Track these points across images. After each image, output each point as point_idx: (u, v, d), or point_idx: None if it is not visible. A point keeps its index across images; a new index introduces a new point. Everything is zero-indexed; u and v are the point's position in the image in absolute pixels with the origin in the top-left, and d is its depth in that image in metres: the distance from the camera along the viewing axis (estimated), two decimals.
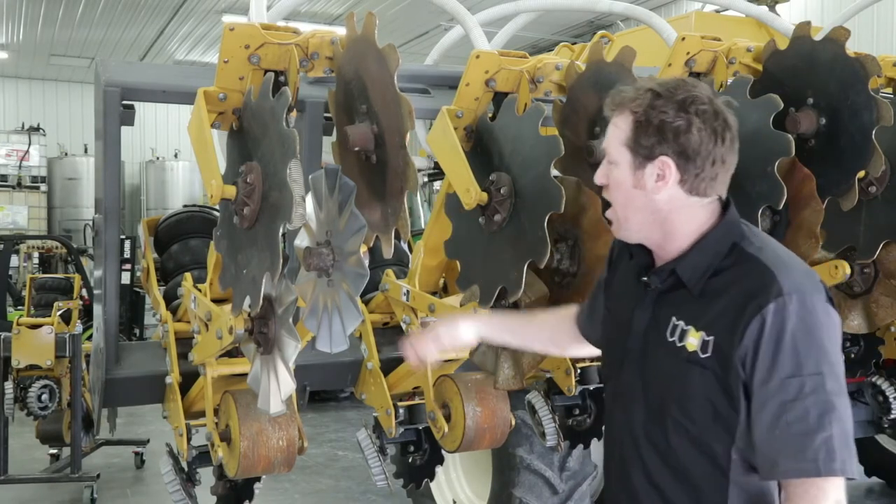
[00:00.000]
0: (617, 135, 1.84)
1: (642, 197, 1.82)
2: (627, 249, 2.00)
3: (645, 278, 1.91)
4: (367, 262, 2.27)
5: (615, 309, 2.04)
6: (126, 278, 9.86)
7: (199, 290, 3.08)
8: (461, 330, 2.27)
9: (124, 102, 3.00)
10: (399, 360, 3.52)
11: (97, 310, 3.32)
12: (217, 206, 2.56)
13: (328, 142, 2.91)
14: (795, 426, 1.67)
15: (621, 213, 1.89)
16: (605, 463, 2.09)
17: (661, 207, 1.82)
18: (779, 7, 6.27)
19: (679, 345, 1.80)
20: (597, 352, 2.24)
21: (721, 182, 1.83)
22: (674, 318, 1.82)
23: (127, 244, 10.11)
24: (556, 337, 2.36)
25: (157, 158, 18.88)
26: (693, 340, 1.78)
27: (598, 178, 1.91)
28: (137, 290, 10.20)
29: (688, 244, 1.83)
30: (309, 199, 2.37)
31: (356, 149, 2.45)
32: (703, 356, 1.76)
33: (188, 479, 3.17)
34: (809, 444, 1.66)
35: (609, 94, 1.89)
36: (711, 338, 1.75)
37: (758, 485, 1.78)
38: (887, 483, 6.02)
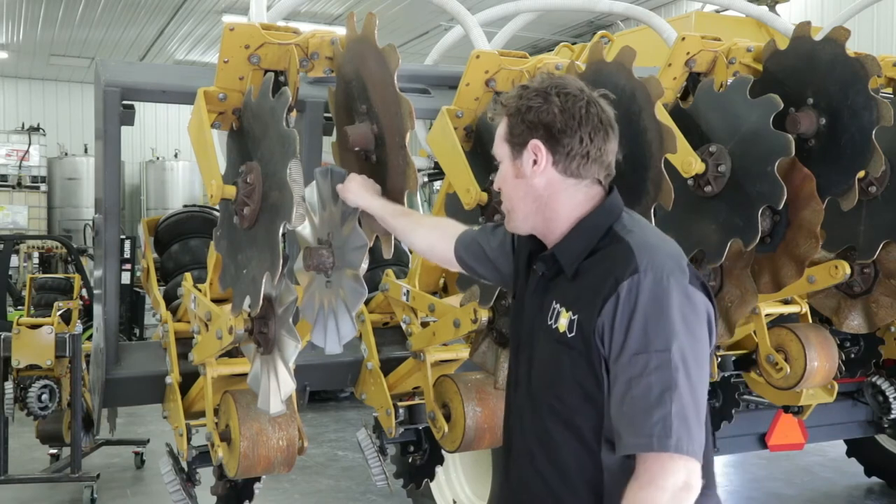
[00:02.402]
0: (498, 134, 1.95)
1: (524, 185, 1.90)
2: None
3: (534, 266, 1.96)
4: (366, 264, 2.27)
5: (519, 294, 2.07)
6: (126, 278, 9.85)
7: (199, 290, 3.08)
8: (355, 196, 2.31)
9: (124, 102, 3.00)
10: (399, 360, 3.53)
11: (97, 310, 3.32)
12: (217, 206, 2.56)
13: (328, 142, 2.91)
14: (638, 402, 1.70)
15: (508, 205, 1.97)
16: (501, 452, 2.09)
17: (542, 193, 1.89)
18: (779, 7, 6.27)
19: (553, 327, 1.85)
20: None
21: (595, 163, 1.86)
22: (554, 302, 1.87)
23: (127, 244, 10.10)
24: (435, 248, 2.34)
25: (157, 158, 18.88)
26: (563, 321, 1.83)
27: (495, 183, 1.99)
28: (137, 290, 10.20)
29: (567, 228, 1.89)
30: (311, 191, 2.36)
31: (356, 149, 2.45)
32: (569, 336, 1.80)
33: (188, 479, 3.17)
34: (648, 419, 1.68)
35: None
36: (576, 317, 1.80)
37: (629, 469, 1.78)
38: (887, 483, 6.02)
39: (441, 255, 2.31)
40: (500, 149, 1.95)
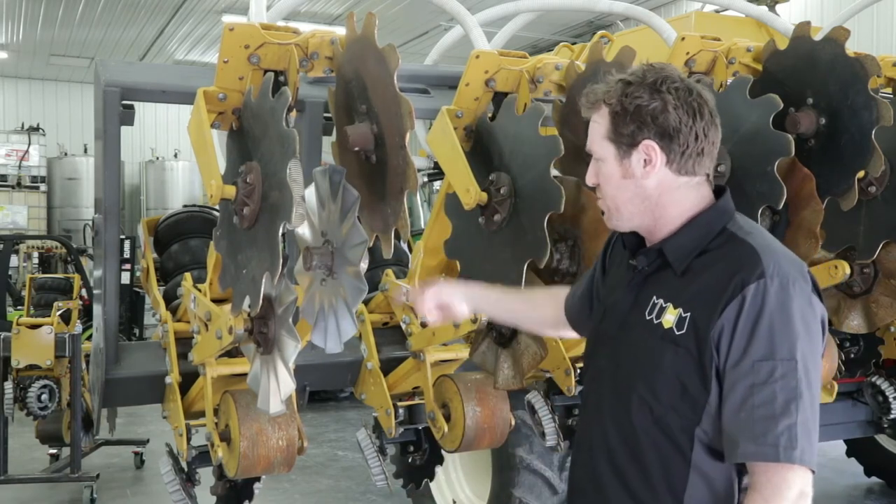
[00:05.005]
0: (597, 130, 1.86)
1: (632, 186, 1.83)
2: (621, 238, 2.01)
3: (632, 261, 1.91)
4: (367, 263, 2.27)
5: (604, 297, 2.03)
6: (126, 278, 9.86)
7: (199, 290, 3.08)
8: (457, 299, 2.24)
9: (124, 102, 3.00)
10: (399, 360, 3.52)
11: (97, 310, 3.32)
12: (217, 206, 2.56)
13: (328, 142, 2.91)
14: (760, 409, 1.66)
15: (612, 203, 1.89)
16: (573, 452, 2.08)
17: (652, 193, 1.82)
18: (779, 7, 6.27)
19: (655, 322, 1.80)
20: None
21: (708, 158, 1.82)
22: (654, 297, 1.83)
23: (127, 244, 10.11)
24: (546, 318, 2.33)
25: (157, 158, 18.89)
26: (670, 317, 1.77)
27: (589, 178, 1.92)
28: (137, 290, 10.21)
29: (678, 225, 1.84)
30: (310, 192, 2.37)
31: (356, 149, 2.45)
32: (678, 333, 1.75)
33: (188, 479, 3.17)
34: (772, 428, 1.65)
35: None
36: (689, 314, 1.75)
37: (718, 472, 1.76)
38: (887, 483, 6.02)
39: (555, 324, 2.27)
40: (602, 147, 1.85)
